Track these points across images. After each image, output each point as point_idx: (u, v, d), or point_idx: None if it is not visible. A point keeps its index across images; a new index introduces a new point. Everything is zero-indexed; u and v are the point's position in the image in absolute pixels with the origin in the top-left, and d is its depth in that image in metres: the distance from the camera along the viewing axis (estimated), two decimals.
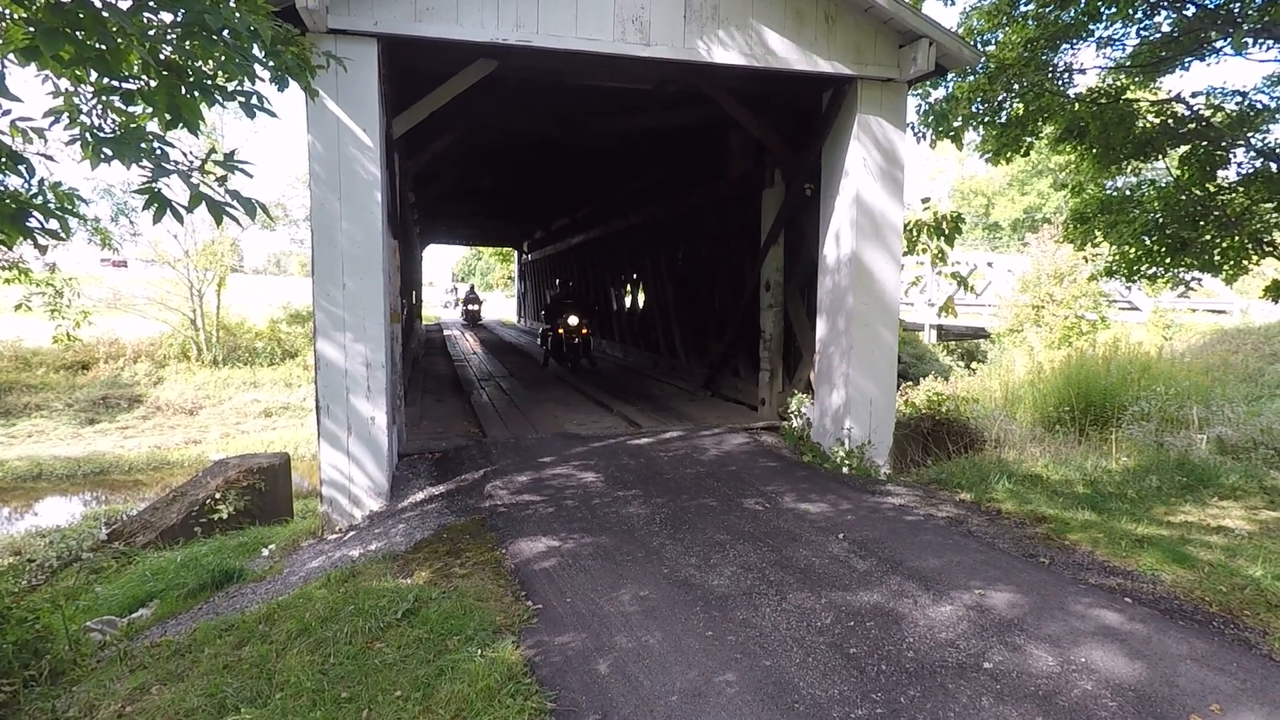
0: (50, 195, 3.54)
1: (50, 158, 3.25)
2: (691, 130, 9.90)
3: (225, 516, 6.25)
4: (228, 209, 2.69)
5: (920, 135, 8.22)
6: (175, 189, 2.76)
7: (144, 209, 2.56)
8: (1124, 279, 10.61)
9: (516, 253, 31.97)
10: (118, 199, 12.74)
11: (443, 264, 71.96)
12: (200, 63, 2.78)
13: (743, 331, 9.62)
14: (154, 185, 2.59)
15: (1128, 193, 10.46)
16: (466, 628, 3.26)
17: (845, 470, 6.54)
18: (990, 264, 24.35)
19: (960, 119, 8.21)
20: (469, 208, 19.65)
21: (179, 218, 2.67)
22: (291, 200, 26.51)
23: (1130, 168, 10.58)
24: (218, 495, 6.34)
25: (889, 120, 6.76)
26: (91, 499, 13.02)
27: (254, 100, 2.90)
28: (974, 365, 17.81)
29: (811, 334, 7.79)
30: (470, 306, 30.55)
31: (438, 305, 45.12)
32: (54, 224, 3.33)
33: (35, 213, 3.23)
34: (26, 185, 3.56)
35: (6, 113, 3.19)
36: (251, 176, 2.87)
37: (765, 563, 4.09)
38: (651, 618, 3.41)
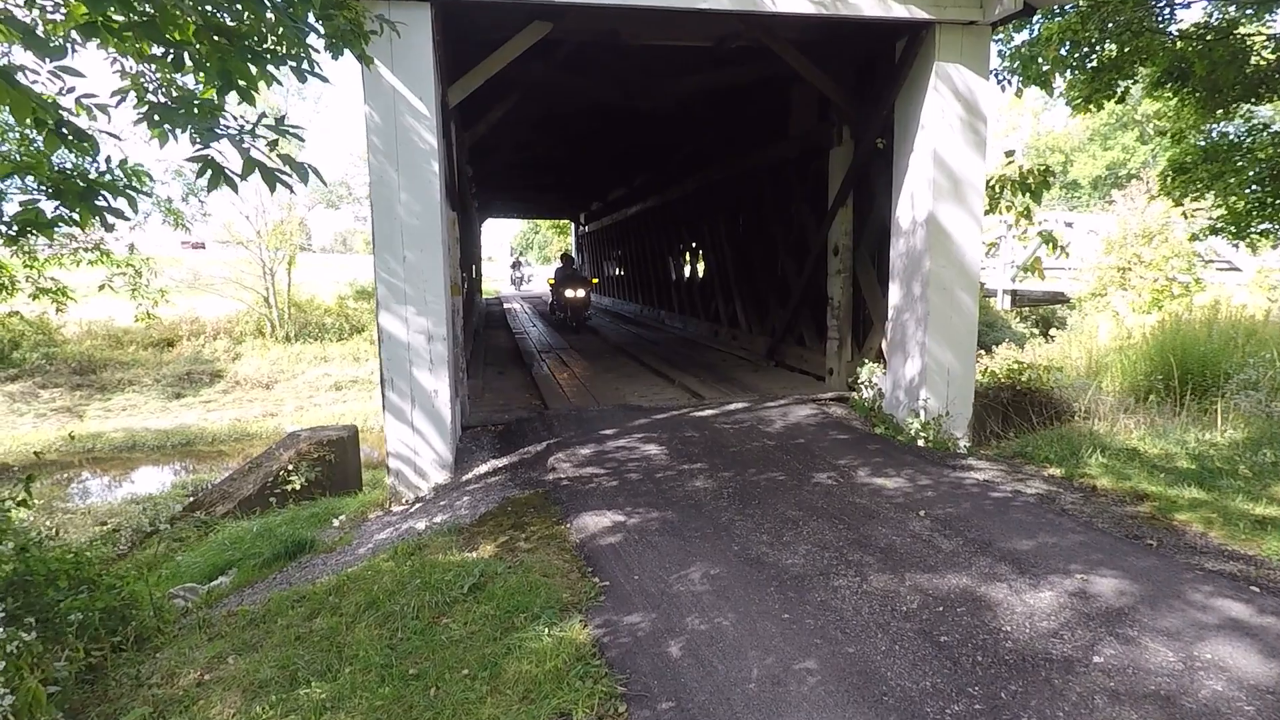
0: (119, 173, 3.56)
1: (116, 136, 3.25)
2: (752, 89, 9.48)
3: (298, 487, 6.41)
4: (280, 175, 2.60)
5: (1004, 82, 7.60)
6: (231, 159, 2.69)
7: (197, 177, 2.50)
8: (1231, 238, 9.73)
9: (573, 225, 31.70)
10: (187, 179, 13.18)
11: (501, 238, 72.51)
12: (251, 28, 2.69)
13: (807, 298, 9.26)
14: (206, 152, 2.52)
15: (1235, 139, 9.54)
16: (533, 605, 3.18)
17: (920, 443, 6.21)
18: (1070, 224, 22.92)
19: (1049, 63, 7.53)
20: (526, 180, 19.59)
21: (233, 185, 2.60)
22: (355, 179, 27.11)
23: (1241, 111, 9.63)
24: (290, 467, 6.50)
25: (970, 67, 6.26)
26: (180, 468, 13.80)
27: (304, 65, 2.79)
28: (1051, 332, 16.89)
29: (883, 300, 7.41)
30: (570, 292, 15.41)
31: (502, 280, 39.28)
32: (121, 202, 3.35)
33: (103, 191, 3.24)
34: (94, 164, 3.59)
35: (71, 90, 3.19)
36: (304, 141, 2.79)
37: (842, 541, 3.87)
38: (723, 598, 3.25)
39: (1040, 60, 7.37)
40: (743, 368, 9.97)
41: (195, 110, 2.50)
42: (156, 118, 2.49)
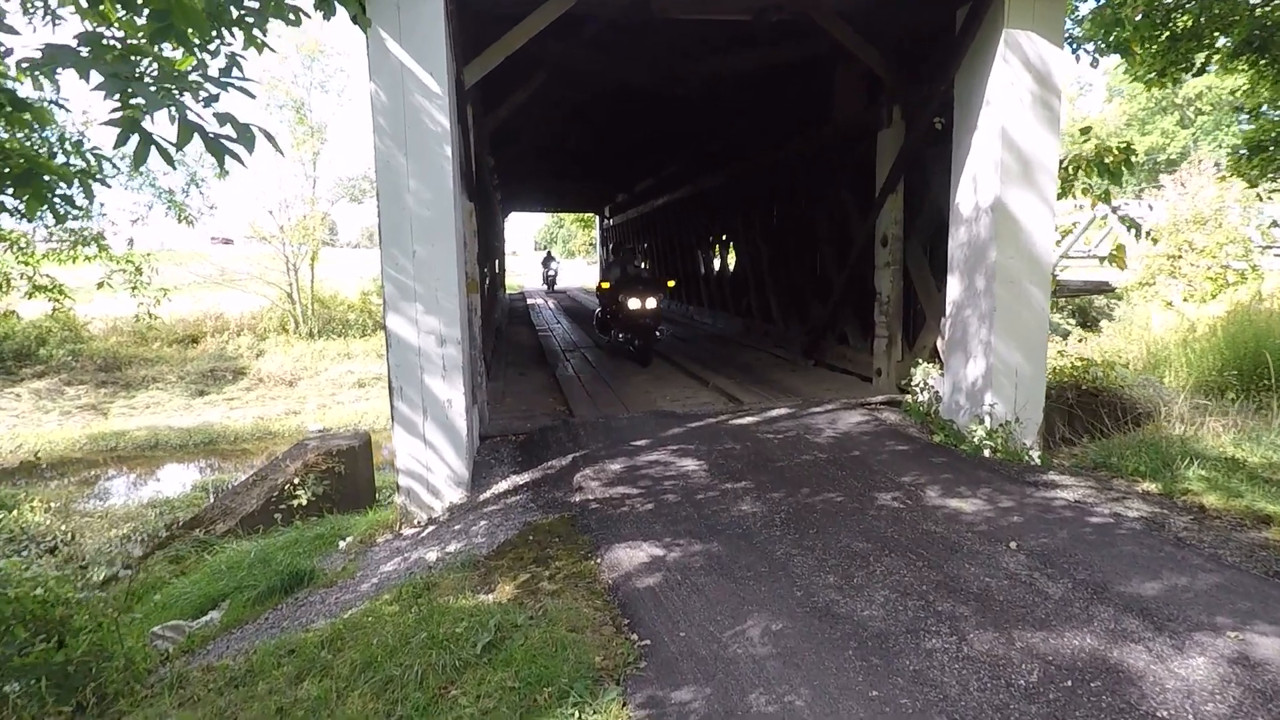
0: (73, 154, 3.06)
1: (61, 105, 2.73)
2: (792, 68, 8.80)
3: (304, 503, 5.93)
4: (225, 142, 2.04)
5: (1079, 51, 6.85)
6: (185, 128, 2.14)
7: (117, 145, 1.96)
8: None
9: (598, 218, 31.03)
10: (190, 168, 12.67)
11: (525, 231, 72.10)
12: None
13: (850, 293, 8.59)
14: (130, 112, 1.97)
15: None
16: (560, 674, 2.62)
17: (987, 453, 5.56)
18: (1115, 209, 21.89)
19: (1129, 27, 6.77)
20: (550, 169, 19.04)
21: (168, 157, 2.07)
22: None
23: None
24: (296, 480, 6.03)
25: (1043, 35, 5.57)
26: (202, 467, 13.55)
27: (269, 12, 2.24)
28: (1098, 323, 16.04)
29: (938, 295, 6.75)
30: (635, 301, 9.19)
31: (525, 275, 36.86)
32: (77, 189, 2.85)
33: (50, 176, 2.74)
34: (46, 140, 3.10)
35: (9, 52, 2.68)
36: (254, 96, 2.24)
37: (925, 584, 3.26)
38: (791, 665, 2.66)
39: (1127, 21, 6.60)
40: (780, 368, 9.34)
41: (106, 52, 1.94)
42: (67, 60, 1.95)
